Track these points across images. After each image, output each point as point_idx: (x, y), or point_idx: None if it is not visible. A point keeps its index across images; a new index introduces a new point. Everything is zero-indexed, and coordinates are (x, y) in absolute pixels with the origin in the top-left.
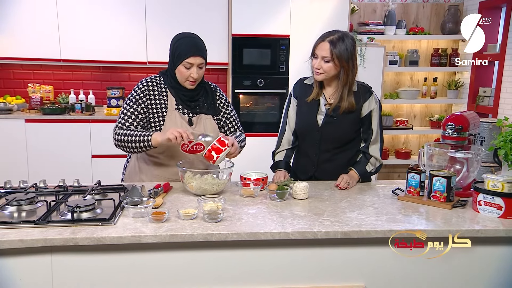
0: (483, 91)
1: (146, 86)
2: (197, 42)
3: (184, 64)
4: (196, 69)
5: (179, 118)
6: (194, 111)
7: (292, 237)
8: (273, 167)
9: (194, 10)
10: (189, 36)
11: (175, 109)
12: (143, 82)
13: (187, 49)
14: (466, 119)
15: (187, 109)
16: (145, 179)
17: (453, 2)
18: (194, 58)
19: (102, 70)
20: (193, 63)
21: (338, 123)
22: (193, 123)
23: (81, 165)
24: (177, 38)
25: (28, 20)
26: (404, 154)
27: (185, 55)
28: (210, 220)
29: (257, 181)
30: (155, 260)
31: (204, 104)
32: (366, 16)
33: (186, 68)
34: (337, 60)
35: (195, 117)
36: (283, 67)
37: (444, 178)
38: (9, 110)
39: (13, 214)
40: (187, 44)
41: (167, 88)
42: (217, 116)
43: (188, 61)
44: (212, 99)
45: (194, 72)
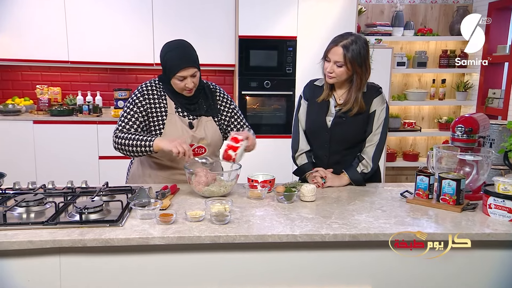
0: (493, 93)
1: (145, 90)
2: (186, 52)
3: (177, 77)
4: (189, 79)
5: (179, 121)
6: (194, 113)
7: (300, 239)
8: (299, 172)
9: (201, 12)
10: (177, 47)
11: (174, 113)
12: (142, 86)
13: (177, 63)
14: (476, 121)
15: (186, 112)
16: (149, 181)
17: (462, 3)
18: (186, 70)
19: (110, 71)
20: (186, 75)
21: (347, 124)
22: (193, 126)
23: (88, 166)
24: (165, 51)
25: (37, 22)
26: (412, 156)
27: (176, 70)
28: (217, 222)
29: (264, 183)
30: (162, 261)
31: (204, 106)
32: (374, 17)
33: (180, 80)
34: (350, 65)
35: (195, 120)
36: (290, 69)
37: (453, 180)
38: (17, 112)
39: (22, 215)
40: (176, 57)
41: (166, 92)
42: (218, 117)
43: (180, 74)
44: (212, 99)
45: (189, 82)
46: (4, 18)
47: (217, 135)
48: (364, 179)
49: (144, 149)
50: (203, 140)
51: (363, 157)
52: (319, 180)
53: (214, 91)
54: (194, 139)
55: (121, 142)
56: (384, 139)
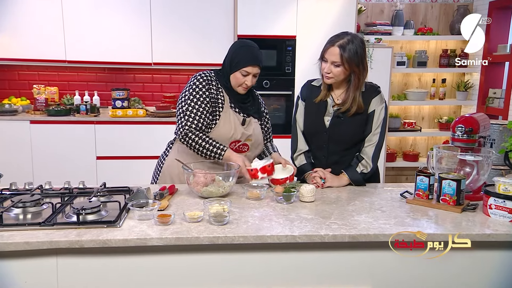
0: (493, 92)
1: (206, 81)
2: (257, 52)
3: (241, 72)
4: (251, 77)
5: (233, 116)
6: (245, 112)
7: (299, 240)
8: (298, 172)
9: (199, 11)
10: (251, 46)
11: (230, 107)
12: (202, 76)
13: (248, 59)
14: (476, 121)
15: (239, 109)
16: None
17: (462, 2)
18: (252, 68)
19: (107, 71)
20: (250, 72)
21: (345, 124)
22: (245, 123)
23: (85, 166)
24: (239, 45)
25: (33, 21)
26: (412, 156)
27: (245, 64)
28: (216, 222)
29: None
30: (160, 262)
31: (253, 107)
32: (374, 16)
33: (243, 75)
34: (347, 65)
35: (247, 118)
36: (289, 68)
37: (453, 181)
38: (14, 112)
39: (19, 216)
40: (248, 53)
41: (221, 86)
42: (262, 122)
43: (246, 69)
44: (258, 104)
45: (249, 80)
46: (1, 17)
47: (260, 138)
48: (364, 179)
49: (214, 157)
50: (250, 139)
51: (362, 157)
52: (319, 180)
53: (258, 97)
54: (243, 135)
55: (193, 144)
56: (383, 139)
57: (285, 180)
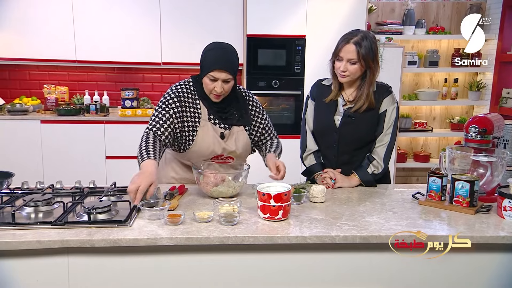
0: (507, 92)
1: (180, 92)
2: (227, 56)
3: (208, 77)
4: (220, 83)
5: (211, 130)
6: (226, 122)
7: (309, 241)
8: (307, 172)
9: (208, 11)
10: (220, 48)
11: (208, 120)
12: (176, 87)
13: (214, 62)
14: (490, 121)
15: (219, 120)
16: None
17: (475, 1)
18: (219, 73)
19: (117, 71)
20: (218, 78)
21: (356, 124)
22: (224, 136)
23: (95, 166)
24: (208, 48)
25: (44, 21)
26: (423, 157)
27: (209, 68)
28: (226, 223)
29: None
30: (170, 262)
31: (235, 115)
32: (384, 15)
33: (210, 80)
34: (363, 61)
35: (227, 130)
36: (299, 68)
37: (467, 182)
38: (25, 111)
39: (31, 215)
40: (215, 56)
41: (199, 96)
42: (249, 126)
43: (212, 74)
44: (244, 108)
45: (218, 87)
46: (12, 17)
47: (247, 147)
48: (375, 180)
49: (138, 162)
50: (232, 156)
51: (373, 157)
52: (329, 181)
53: (248, 99)
54: (224, 150)
55: (140, 143)
56: (394, 139)
57: None
